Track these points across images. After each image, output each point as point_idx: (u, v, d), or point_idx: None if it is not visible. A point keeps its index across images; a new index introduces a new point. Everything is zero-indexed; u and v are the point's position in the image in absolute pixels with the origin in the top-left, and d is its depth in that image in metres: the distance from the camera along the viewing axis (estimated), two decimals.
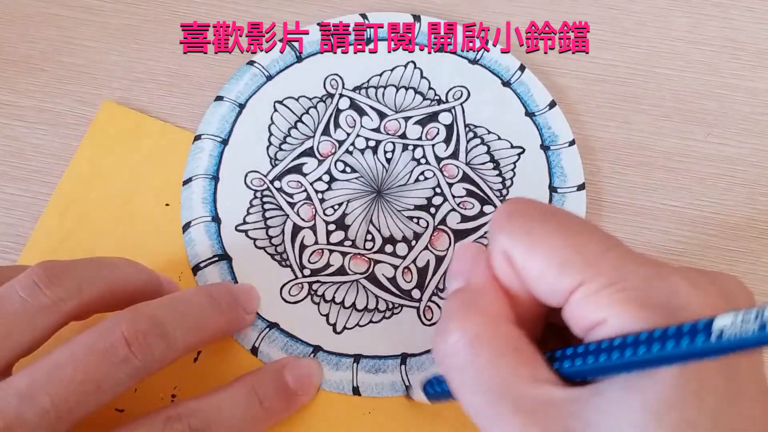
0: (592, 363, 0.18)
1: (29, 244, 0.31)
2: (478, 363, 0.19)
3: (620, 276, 0.18)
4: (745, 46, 0.36)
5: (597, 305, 0.18)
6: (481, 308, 0.20)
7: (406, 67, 0.34)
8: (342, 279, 0.30)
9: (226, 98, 0.34)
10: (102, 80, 0.35)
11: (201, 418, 0.23)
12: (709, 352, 0.15)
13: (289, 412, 0.27)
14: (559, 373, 0.19)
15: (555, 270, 0.19)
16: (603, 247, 0.19)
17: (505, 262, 0.20)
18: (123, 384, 0.22)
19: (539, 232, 0.19)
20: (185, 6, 0.36)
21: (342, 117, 0.33)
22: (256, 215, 0.31)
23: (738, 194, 0.32)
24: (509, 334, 0.19)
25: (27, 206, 0.32)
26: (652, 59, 0.35)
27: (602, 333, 0.18)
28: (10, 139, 0.33)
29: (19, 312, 0.22)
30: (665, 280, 0.18)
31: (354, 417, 0.28)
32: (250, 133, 0.33)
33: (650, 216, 0.32)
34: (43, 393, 0.21)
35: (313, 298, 0.30)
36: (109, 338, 0.22)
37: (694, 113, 0.34)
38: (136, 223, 0.31)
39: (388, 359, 0.28)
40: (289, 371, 0.27)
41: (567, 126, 0.33)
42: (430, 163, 0.32)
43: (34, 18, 0.36)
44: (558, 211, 0.21)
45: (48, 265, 0.23)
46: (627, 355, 0.16)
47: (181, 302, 0.25)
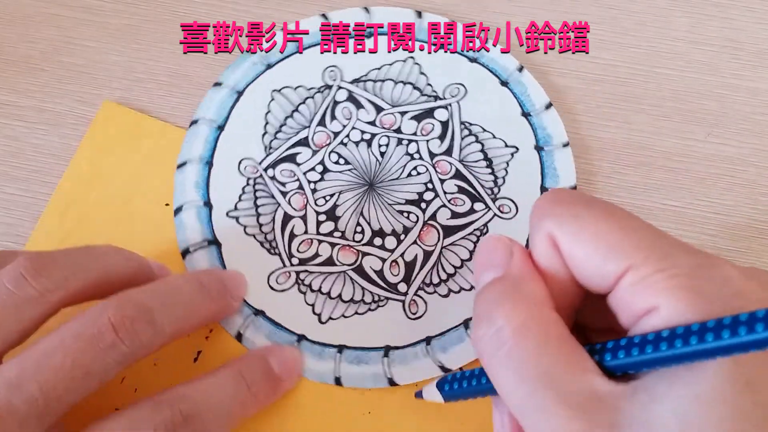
0: (638, 355, 0.17)
1: (29, 244, 0.31)
2: (523, 351, 0.19)
3: (671, 262, 0.17)
4: (745, 46, 0.36)
5: (649, 291, 0.17)
6: (525, 296, 0.20)
7: (405, 62, 0.34)
8: (330, 269, 0.30)
9: (225, 84, 0.34)
10: (102, 80, 0.35)
11: (190, 403, 0.23)
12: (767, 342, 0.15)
13: (275, 396, 0.27)
14: (601, 366, 0.18)
15: (603, 253, 0.18)
16: (651, 233, 0.19)
17: (551, 247, 0.20)
18: (111, 370, 0.22)
19: (586, 216, 0.19)
20: (185, 6, 0.36)
21: (339, 109, 0.33)
22: (247, 202, 0.32)
23: (738, 194, 0.32)
24: (556, 321, 0.19)
25: (27, 206, 0.32)
26: (652, 59, 0.35)
27: (654, 321, 0.17)
28: (10, 139, 0.33)
29: (7, 304, 0.22)
30: (717, 268, 0.17)
31: (354, 417, 0.28)
32: (246, 120, 0.33)
33: (650, 216, 0.32)
34: (32, 381, 0.21)
35: (300, 287, 0.30)
36: (96, 325, 0.22)
37: (694, 113, 0.34)
38: (135, 223, 0.31)
39: (371, 351, 0.29)
40: (272, 357, 0.27)
41: (562, 127, 0.33)
42: (423, 158, 0.32)
43: (34, 18, 0.36)
44: (602, 200, 0.20)
45: (34, 256, 0.24)
46: (677, 346, 0.16)
47: (169, 288, 0.25)
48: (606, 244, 0.18)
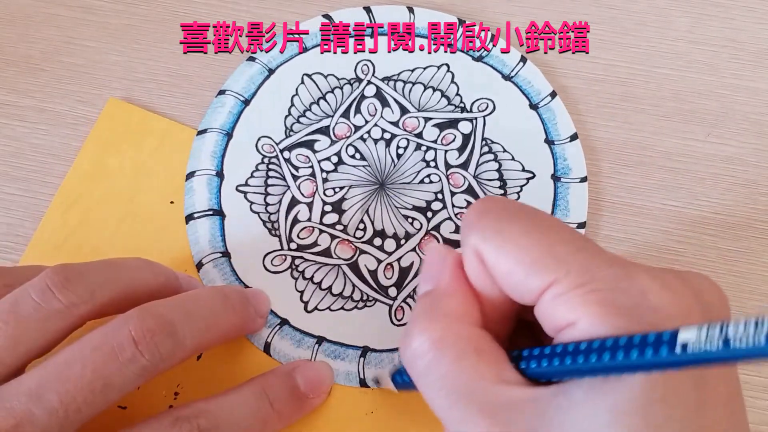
0: (558, 365, 0.18)
1: (33, 241, 0.31)
2: (441, 365, 0.19)
3: (591, 276, 0.18)
4: (745, 46, 0.36)
5: (568, 306, 0.18)
6: (445, 311, 0.20)
7: (440, 68, 0.34)
8: (325, 260, 0.30)
9: (258, 60, 0.34)
10: (102, 80, 0.35)
11: (210, 419, 0.23)
12: (671, 364, 0.15)
13: (300, 414, 0.27)
14: (525, 373, 0.19)
15: (526, 269, 0.19)
16: (573, 246, 0.19)
17: (477, 260, 0.20)
18: (131, 383, 0.22)
19: (509, 231, 0.19)
20: (185, 6, 0.36)
21: (365, 103, 0.33)
22: (258, 180, 0.32)
23: (738, 194, 0.32)
24: (472, 335, 0.20)
25: (27, 206, 0.32)
26: (652, 59, 0.35)
27: (572, 334, 0.18)
28: (10, 139, 0.33)
29: (33, 316, 0.22)
30: (635, 280, 0.18)
31: (356, 417, 0.28)
32: (273, 99, 0.34)
33: (650, 216, 0.32)
34: (52, 391, 0.21)
35: (293, 273, 0.30)
36: (117, 337, 0.22)
37: (694, 113, 0.34)
38: (140, 221, 0.31)
39: (350, 348, 0.29)
40: (299, 374, 0.27)
41: (583, 162, 0.32)
42: (438, 167, 0.32)
43: (34, 18, 0.36)
44: (530, 209, 0.20)
45: (61, 269, 0.24)
46: (592, 361, 0.16)
47: (191, 301, 0.25)
48: (529, 260, 0.19)
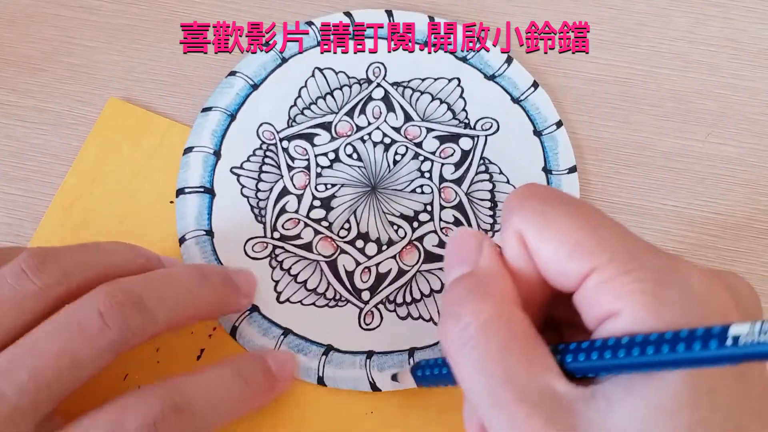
0: (597, 360, 0.17)
1: (33, 241, 0.31)
2: (487, 349, 0.19)
3: (636, 265, 0.17)
4: (745, 46, 0.36)
5: (613, 294, 0.17)
6: (492, 292, 0.20)
7: (450, 81, 0.34)
8: (305, 254, 0.31)
9: (274, 49, 0.35)
10: (102, 80, 0.35)
11: (183, 394, 0.23)
12: (721, 359, 0.15)
13: (271, 394, 0.27)
14: (561, 367, 0.18)
15: (568, 251, 0.18)
16: (617, 233, 0.18)
17: (518, 243, 0.20)
18: (101, 358, 0.22)
19: (553, 214, 0.19)
20: (185, 6, 0.36)
21: (370, 105, 0.33)
22: (254, 164, 0.32)
23: (738, 194, 0.32)
24: (519, 319, 0.19)
25: (27, 206, 0.32)
26: (652, 59, 0.35)
27: (616, 325, 0.17)
28: (10, 139, 0.33)
29: (7, 299, 0.23)
30: (681, 273, 0.17)
31: (355, 417, 0.28)
32: (281, 87, 0.34)
33: (650, 216, 0.32)
34: (21, 368, 0.21)
35: (272, 262, 0.30)
36: (84, 312, 0.22)
37: (694, 113, 0.34)
38: (140, 220, 0.31)
39: (314, 345, 0.29)
40: (270, 357, 0.27)
41: (578, 195, 0.32)
42: (433, 179, 0.32)
43: (34, 18, 0.36)
44: (573, 197, 0.20)
45: (36, 251, 0.24)
46: (635, 355, 0.16)
47: (164, 277, 0.25)
48: (571, 243, 0.18)
